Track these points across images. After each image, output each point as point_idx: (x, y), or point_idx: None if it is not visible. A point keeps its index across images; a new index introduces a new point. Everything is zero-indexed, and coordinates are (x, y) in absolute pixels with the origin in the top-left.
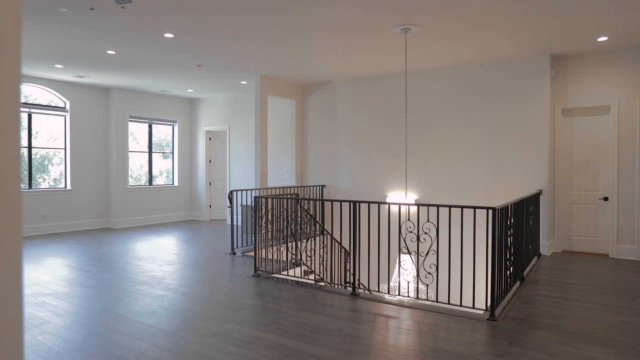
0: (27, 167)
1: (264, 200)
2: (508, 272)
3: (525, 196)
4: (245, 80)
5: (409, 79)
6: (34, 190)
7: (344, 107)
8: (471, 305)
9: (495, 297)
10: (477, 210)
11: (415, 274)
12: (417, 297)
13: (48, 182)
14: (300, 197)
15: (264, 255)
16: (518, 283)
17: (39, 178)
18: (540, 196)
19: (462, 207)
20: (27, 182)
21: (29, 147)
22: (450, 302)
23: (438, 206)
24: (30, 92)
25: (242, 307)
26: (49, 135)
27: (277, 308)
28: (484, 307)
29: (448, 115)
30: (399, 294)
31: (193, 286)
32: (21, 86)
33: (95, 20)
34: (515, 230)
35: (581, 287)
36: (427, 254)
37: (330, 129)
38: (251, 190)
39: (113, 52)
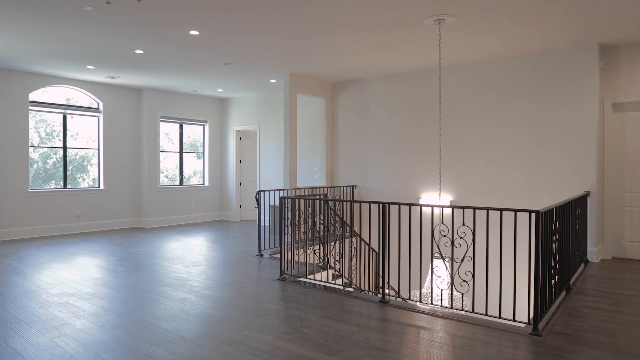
0: (62, 167)
1: (289, 201)
2: (553, 281)
3: (571, 198)
4: (275, 79)
5: (443, 75)
6: (68, 190)
7: (375, 105)
8: (511, 318)
9: (539, 309)
10: (518, 213)
11: (450, 281)
12: (452, 307)
13: (87, 182)
14: (327, 197)
15: (290, 258)
16: (564, 293)
17: (79, 178)
18: (588, 198)
19: (501, 210)
20: (63, 181)
21: (64, 148)
22: (488, 313)
23: (474, 208)
24: (71, 95)
25: (265, 312)
26: (89, 137)
27: (300, 315)
28: (526, 320)
29: (485, 112)
30: (431, 303)
31: (216, 289)
32: (57, 88)
33: (119, 18)
34: (560, 235)
35: (636, 299)
36: (462, 260)
37: (361, 128)
38: (279, 190)
39: (141, 52)
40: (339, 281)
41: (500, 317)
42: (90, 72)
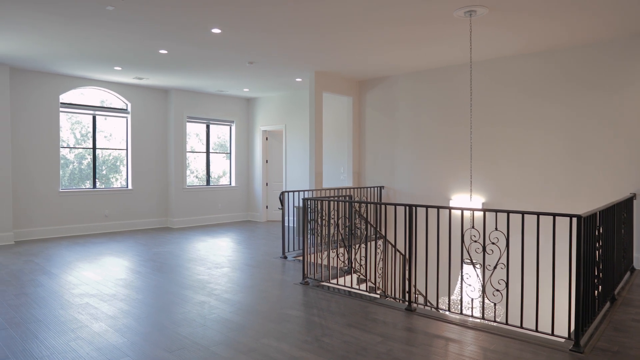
0: (92, 168)
1: (313, 202)
2: (596, 291)
3: (615, 201)
4: (300, 78)
5: (474, 71)
6: (97, 190)
7: (403, 104)
8: (549, 331)
9: (581, 322)
10: (557, 217)
11: (481, 290)
12: (483, 317)
13: (120, 182)
14: (352, 199)
15: (313, 261)
16: (608, 304)
17: (112, 178)
18: (634, 201)
19: (538, 214)
20: (92, 182)
21: (94, 149)
22: (523, 325)
23: (508, 212)
24: (105, 97)
25: (285, 319)
26: (121, 138)
27: (322, 322)
28: (566, 334)
29: (520, 109)
30: (461, 312)
31: (236, 292)
32: (91, 90)
33: (140, 16)
34: (604, 242)
35: None
36: (494, 267)
37: (389, 127)
38: (304, 191)
39: (165, 52)
40: (363, 286)
41: (536, 330)
42: (117, 73)
